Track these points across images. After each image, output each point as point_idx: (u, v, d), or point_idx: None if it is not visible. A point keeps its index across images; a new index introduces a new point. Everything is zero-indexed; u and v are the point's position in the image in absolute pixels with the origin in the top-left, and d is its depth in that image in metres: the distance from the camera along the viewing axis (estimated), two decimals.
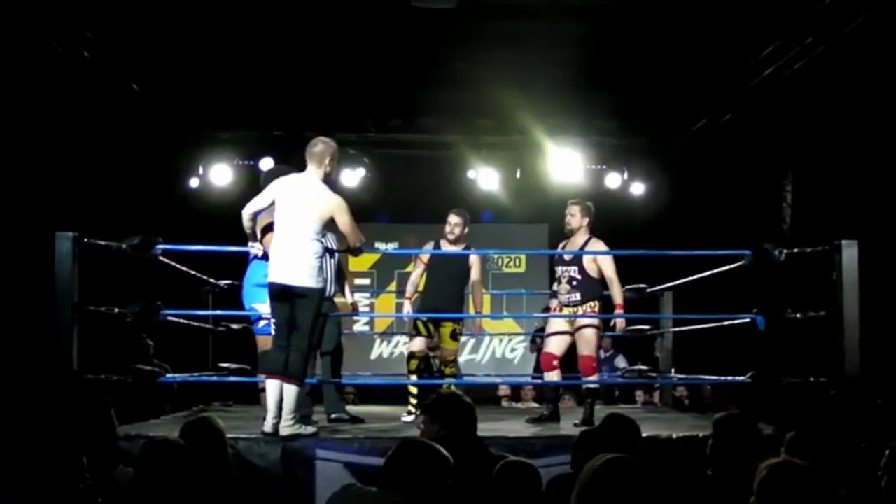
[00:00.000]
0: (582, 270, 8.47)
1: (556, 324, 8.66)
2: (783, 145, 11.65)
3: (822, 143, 10.94)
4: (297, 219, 7.02)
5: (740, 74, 11.10)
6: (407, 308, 9.26)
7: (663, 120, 13.04)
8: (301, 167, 7.25)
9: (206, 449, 5.17)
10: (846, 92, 10.07)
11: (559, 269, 8.65)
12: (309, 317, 7.01)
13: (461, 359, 13.23)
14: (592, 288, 8.50)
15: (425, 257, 9.08)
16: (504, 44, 10.53)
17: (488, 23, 10.09)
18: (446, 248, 9.01)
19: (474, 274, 9.05)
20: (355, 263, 10.95)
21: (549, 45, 10.52)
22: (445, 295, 8.89)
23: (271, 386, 7.03)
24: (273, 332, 7.27)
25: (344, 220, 7.13)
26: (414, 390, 8.85)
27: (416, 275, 9.18)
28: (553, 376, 8.60)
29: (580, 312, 8.46)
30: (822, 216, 10.49)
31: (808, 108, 10.76)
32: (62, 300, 7.19)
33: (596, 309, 8.48)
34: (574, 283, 8.48)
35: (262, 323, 7.90)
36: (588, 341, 8.47)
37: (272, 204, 7.12)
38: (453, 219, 8.97)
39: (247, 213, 7.28)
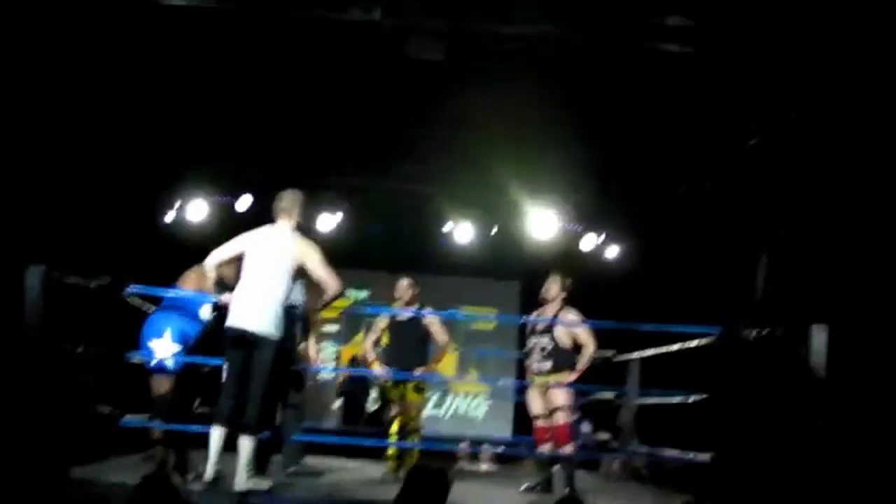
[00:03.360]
0: (553, 340, 8.61)
1: (533, 397, 8.77)
2: (762, 217, 11.64)
3: (801, 219, 10.93)
4: (267, 268, 6.99)
5: (725, 141, 11.11)
6: (378, 369, 9.43)
7: (643, 183, 13.04)
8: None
9: None
10: (830, 170, 10.06)
11: (531, 340, 8.77)
12: (266, 365, 6.92)
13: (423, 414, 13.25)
14: (564, 357, 8.65)
15: (381, 324, 9.44)
16: (487, 100, 10.54)
17: (473, 79, 10.08)
18: (400, 309, 9.33)
19: (437, 332, 9.31)
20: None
21: (532, 104, 10.54)
22: (406, 357, 9.16)
23: (215, 434, 6.93)
24: (224, 379, 7.17)
25: (317, 267, 7.09)
26: (393, 452, 9.13)
27: (371, 341, 9.49)
28: (546, 449, 8.77)
29: (552, 381, 8.51)
30: (795, 292, 10.47)
31: (789, 182, 10.75)
32: (29, 335, 7.07)
33: (567, 378, 8.59)
34: (545, 352, 8.60)
35: (154, 360, 7.61)
36: (562, 410, 8.58)
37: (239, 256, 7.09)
38: (404, 282, 9.37)
39: (212, 262, 7.24)
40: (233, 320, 6.96)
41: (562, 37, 8.95)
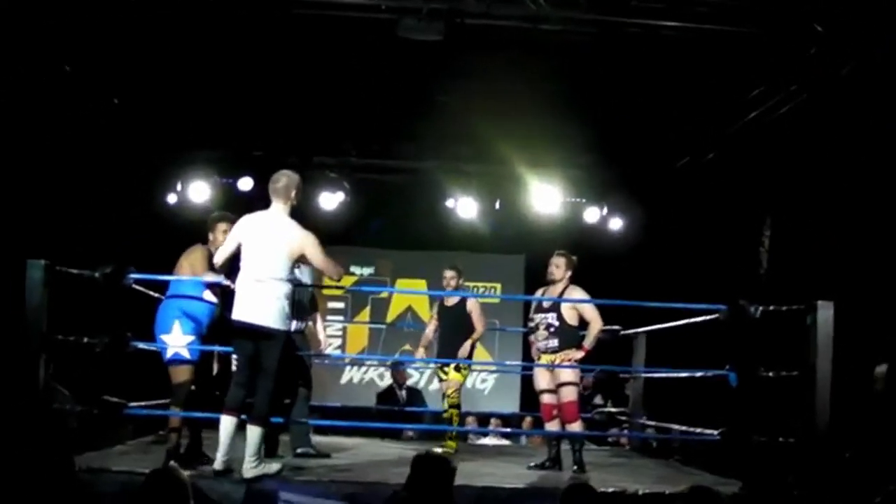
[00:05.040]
0: (560, 317, 8.55)
1: (539, 373, 8.72)
2: (764, 188, 11.61)
3: (802, 190, 10.91)
4: (265, 257, 6.91)
5: (725, 115, 11.10)
6: (420, 354, 10.07)
7: (645, 155, 13.02)
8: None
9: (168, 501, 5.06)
10: (829, 141, 10.03)
11: (537, 317, 8.72)
12: (274, 358, 6.90)
13: (432, 387, 13.29)
14: (570, 334, 8.59)
15: (434, 311, 10.03)
16: (486, 75, 10.58)
17: (471, 54, 10.06)
18: (447, 299, 9.78)
19: (476, 318, 9.64)
20: (330, 287, 10.84)
21: (531, 77, 10.54)
22: (451, 341, 9.59)
23: (225, 422, 6.93)
24: (234, 369, 7.27)
25: (317, 256, 7.05)
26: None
27: (431, 329, 9.96)
28: (553, 425, 8.73)
29: (559, 359, 8.50)
30: (799, 265, 10.45)
31: (790, 153, 10.72)
32: (31, 329, 7.07)
33: (575, 356, 8.52)
34: (552, 329, 8.56)
35: (169, 353, 7.51)
36: (569, 387, 8.55)
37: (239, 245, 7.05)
38: (448, 273, 9.72)
39: (218, 264, 7.23)
40: (238, 313, 6.92)
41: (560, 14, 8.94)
